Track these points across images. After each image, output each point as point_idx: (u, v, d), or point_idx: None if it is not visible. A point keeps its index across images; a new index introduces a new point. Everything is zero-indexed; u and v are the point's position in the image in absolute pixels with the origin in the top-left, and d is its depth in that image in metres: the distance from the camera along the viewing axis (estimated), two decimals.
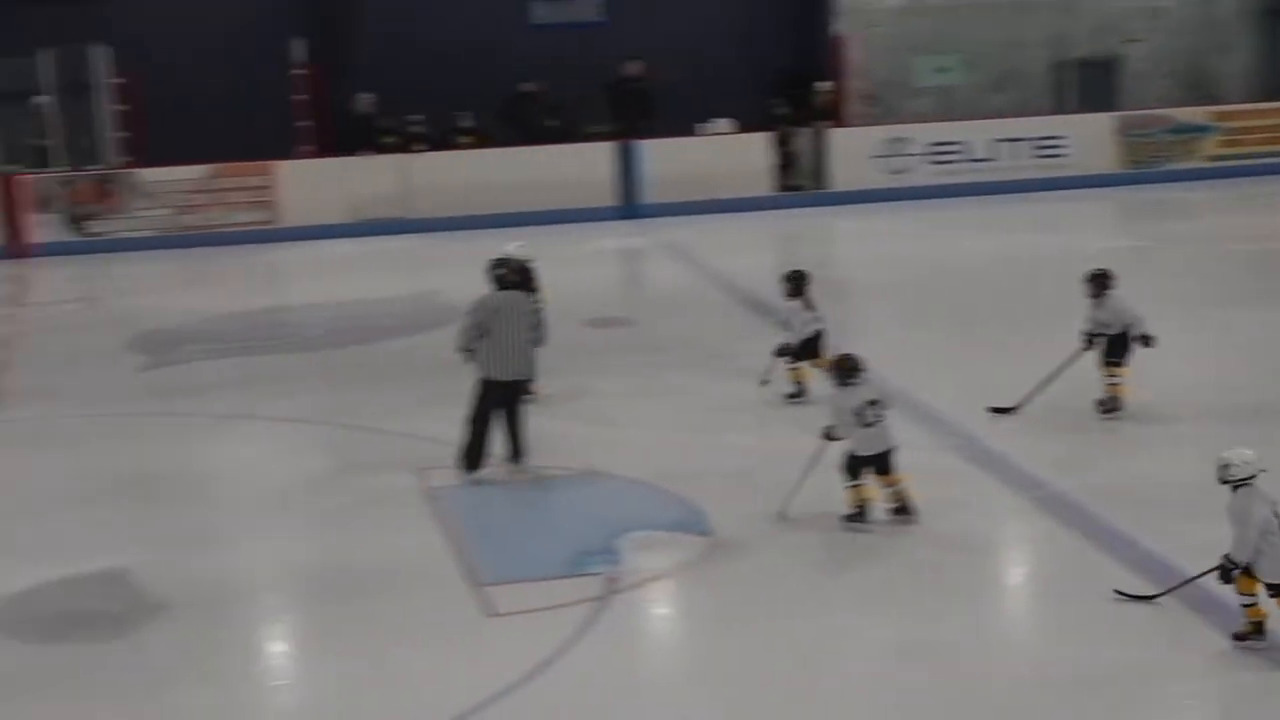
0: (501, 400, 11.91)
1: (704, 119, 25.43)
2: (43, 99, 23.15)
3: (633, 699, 8.39)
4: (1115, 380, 12.58)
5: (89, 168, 23.33)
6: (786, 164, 25.41)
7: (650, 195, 24.24)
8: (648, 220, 23.64)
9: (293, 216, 22.93)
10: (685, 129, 25.01)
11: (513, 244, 13.40)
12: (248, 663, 9.25)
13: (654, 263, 22.02)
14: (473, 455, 11.96)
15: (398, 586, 9.89)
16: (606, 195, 24.15)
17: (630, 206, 24.17)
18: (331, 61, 25.28)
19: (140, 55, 24.54)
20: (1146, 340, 12.43)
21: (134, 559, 10.32)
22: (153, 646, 9.24)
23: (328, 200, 23.33)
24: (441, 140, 24.48)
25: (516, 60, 25.38)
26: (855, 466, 10.48)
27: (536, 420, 12.37)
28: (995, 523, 10.82)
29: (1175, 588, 8.98)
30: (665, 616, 9.82)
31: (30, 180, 22.91)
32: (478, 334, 11.87)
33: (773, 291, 14.20)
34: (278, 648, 9.54)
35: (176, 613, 9.60)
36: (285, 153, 24.33)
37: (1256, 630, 8.45)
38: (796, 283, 13.56)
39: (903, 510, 10.48)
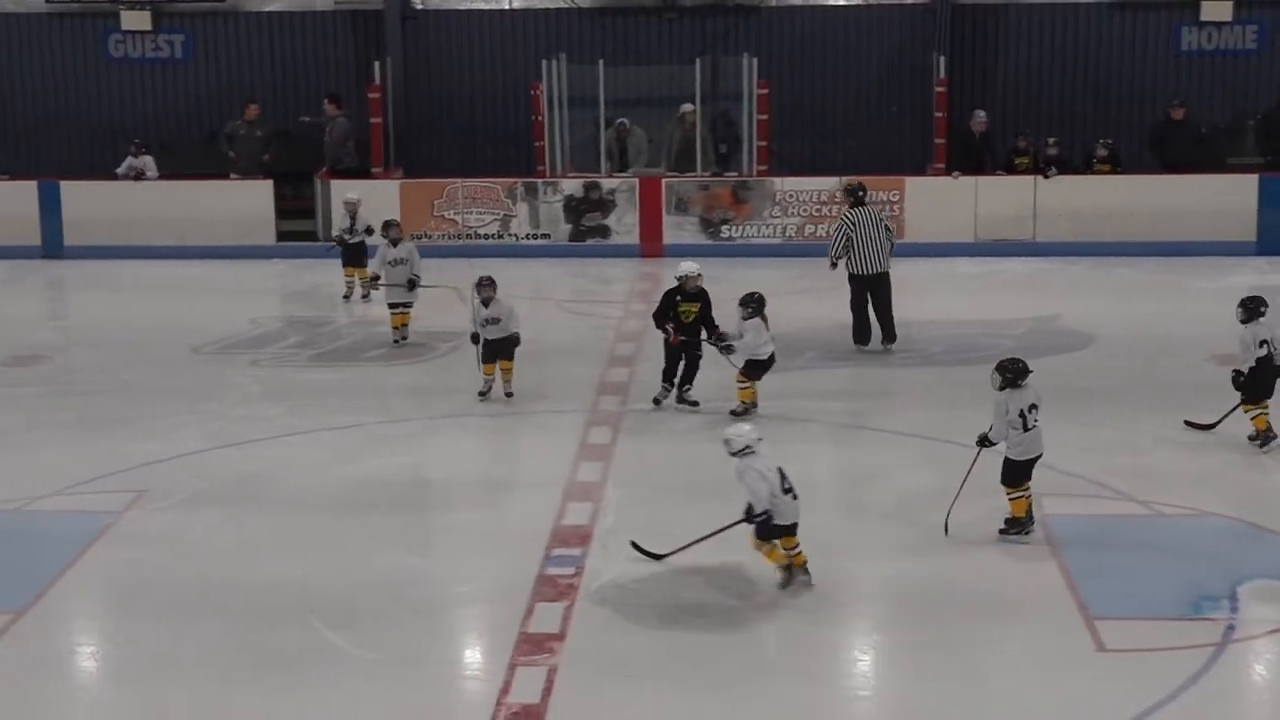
0: (868, 289, 16.57)
1: None
2: (688, 106, 24.03)
3: None
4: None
5: (727, 174, 24.09)
6: None
7: None
8: None
9: (917, 232, 22.97)
10: None
11: (688, 262, 15.19)
12: (843, 666, 9.40)
13: None
14: (858, 334, 16.83)
15: (1006, 610, 9.82)
16: (1246, 229, 23.08)
17: (1271, 241, 22.99)
18: (966, 80, 25.32)
19: (783, 66, 25.26)
20: None
21: (746, 555, 10.57)
22: (761, 641, 9.49)
23: (953, 218, 23.30)
24: (1077, 164, 24.00)
25: (1160, 87, 24.83)
26: (1016, 473, 10.81)
27: (1140, 457, 12.02)
28: None
29: (690, 545, 10.34)
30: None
31: (670, 184, 23.85)
32: (844, 244, 16.64)
33: None
34: (874, 656, 9.59)
35: (785, 611, 9.84)
36: (915, 168, 24.48)
37: (790, 577, 10.03)
38: (755, 306, 14.29)
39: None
